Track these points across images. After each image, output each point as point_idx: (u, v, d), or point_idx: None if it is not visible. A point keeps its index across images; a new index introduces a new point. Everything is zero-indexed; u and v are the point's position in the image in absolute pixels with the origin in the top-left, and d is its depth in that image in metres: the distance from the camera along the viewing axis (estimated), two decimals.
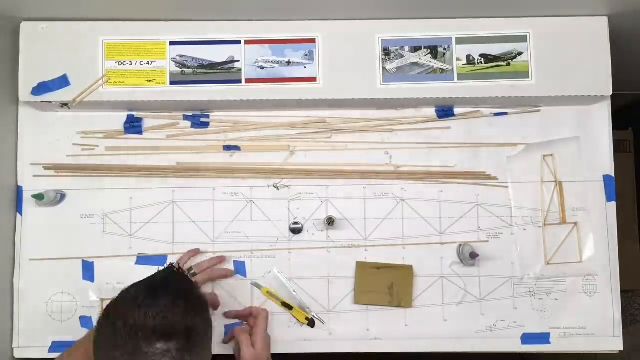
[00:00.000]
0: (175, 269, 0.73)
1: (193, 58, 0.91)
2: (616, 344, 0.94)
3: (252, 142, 0.97)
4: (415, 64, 0.91)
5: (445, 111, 0.96)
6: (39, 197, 0.90)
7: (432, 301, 0.95)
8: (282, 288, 0.94)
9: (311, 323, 0.93)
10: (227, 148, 0.96)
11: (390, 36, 0.91)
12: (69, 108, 0.93)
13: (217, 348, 0.92)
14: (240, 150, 0.96)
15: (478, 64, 0.91)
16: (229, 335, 0.91)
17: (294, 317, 0.93)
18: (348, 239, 0.95)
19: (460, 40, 0.91)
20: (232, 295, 0.94)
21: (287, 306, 0.93)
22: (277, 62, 0.91)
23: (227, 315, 0.92)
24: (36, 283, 0.94)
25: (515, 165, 0.96)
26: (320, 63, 0.91)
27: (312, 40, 0.91)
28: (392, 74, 0.91)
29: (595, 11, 0.90)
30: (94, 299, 0.94)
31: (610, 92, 0.91)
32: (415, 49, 0.91)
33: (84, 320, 0.94)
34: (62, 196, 0.94)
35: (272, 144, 0.97)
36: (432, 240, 0.95)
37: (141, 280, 0.69)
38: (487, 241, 0.95)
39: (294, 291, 0.94)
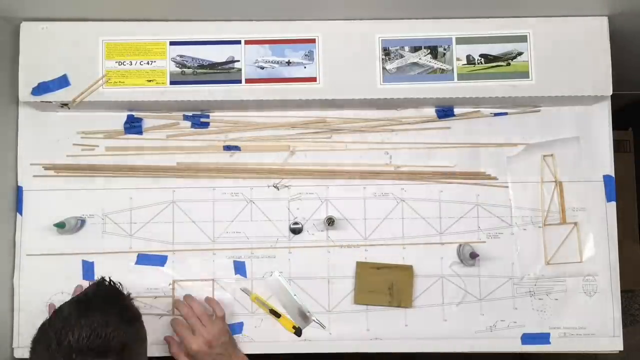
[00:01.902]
0: (107, 283, 0.74)
1: (193, 58, 0.91)
2: (616, 344, 0.94)
3: (252, 142, 0.97)
4: (415, 64, 0.91)
5: (445, 111, 0.96)
6: (60, 226, 0.90)
7: (432, 301, 0.95)
8: (283, 291, 0.94)
9: (298, 332, 0.93)
10: (227, 148, 0.96)
11: (390, 36, 0.91)
12: (69, 108, 0.93)
13: None
14: (240, 150, 0.96)
15: (478, 64, 0.91)
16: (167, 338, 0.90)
17: (282, 324, 0.93)
18: (348, 239, 0.95)
19: (460, 40, 0.91)
20: (234, 296, 0.94)
21: (275, 314, 0.93)
22: (277, 62, 0.91)
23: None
24: (36, 283, 0.94)
25: (515, 165, 0.96)
26: (320, 63, 0.91)
27: (312, 40, 0.91)
28: (392, 74, 0.91)
29: (595, 11, 0.90)
30: None
31: (610, 92, 0.91)
32: (415, 49, 0.91)
33: None
34: (82, 222, 0.94)
35: (272, 144, 0.97)
36: (432, 240, 0.95)
37: (72, 298, 0.70)
38: (485, 242, 0.95)
39: (295, 295, 0.94)
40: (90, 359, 0.62)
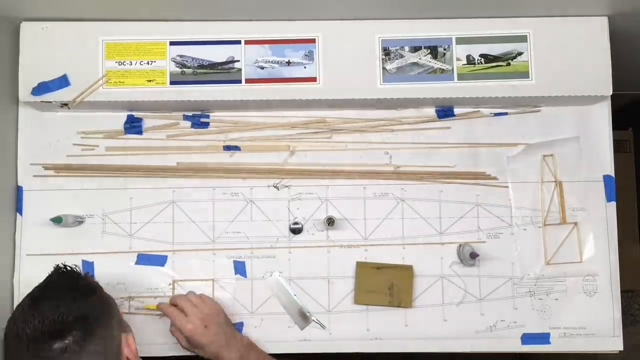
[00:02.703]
0: (61, 269, 0.74)
1: (193, 58, 0.91)
2: (616, 344, 0.94)
3: (252, 142, 0.97)
4: (415, 64, 0.91)
5: (445, 111, 0.96)
6: (57, 220, 0.91)
7: (432, 301, 0.95)
8: (283, 291, 0.94)
9: None
10: (227, 148, 0.96)
11: (390, 36, 0.91)
12: (69, 108, 0.93)
13: None
14: (240, 150, 0.96)
15: (478, 64, 0.91)
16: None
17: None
18: (348, 239, 0.95)
19: (460, 40, 0.91)
20: (234, 297, 0.94)
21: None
22: (277, 62, 0.91)
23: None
24: (36, 283, 0.93)
25: (515, 165, 0.96)
26: (320, 63, 0.91)
27: (312, 40, 0.91)
28: (392, 74, 0.91)
29: (595, 11, 0.90)
30: None
31: (610, 92, 0.91)
32: (415, 49, 0.91)
33: None
34: (81, 222, 0.95)
35: (272, 144, 0.97)
36: (432, 240, 0.95)
37: (29, 292, 0.71)
38: (485, 242, 0.95)
39: (295, 295, 0.94)
40: (51, 342, 0.63)
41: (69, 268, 0.74)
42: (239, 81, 0.91)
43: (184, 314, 0.86)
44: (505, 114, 0.97)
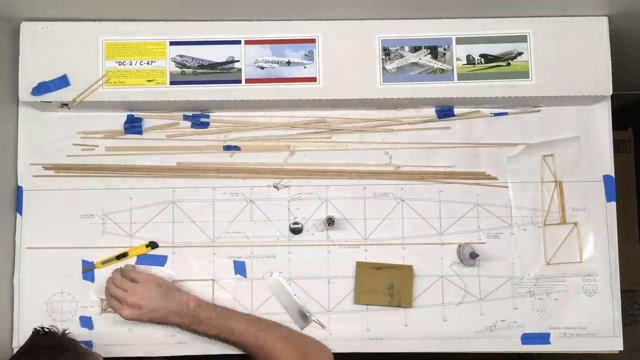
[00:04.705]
0: (40, 332, 0.80)
1: (193, 58, 0.91)
2: (616, 344, 0.94)
3: (252, 142, 0.97)
4: (415, 64, 0.91)
5: (445, 111, 0.96)
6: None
7: (432, 301, 0.95)
8: (283, 291, 0.94)
9: (153, 245, 0.94)
10: (227, 148, 0.96)
11: (390, 36, 0.91)
12: (69, 108, 0.93)
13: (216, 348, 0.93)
14: (240, 150, 0.96)
15: (478, 64, 0.91)
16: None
17: (134, 254, 0.94)
18: (348, 239, 0.95)
19: (460, 40, 0.91)
20: (234, 297, 0.94)
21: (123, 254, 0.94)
22: (277, 62, 0.91)
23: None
24: (36, 283, 0.94)
25: (515, 165, 0.96)
26: (320, 63, 0.91)
27: (312, 40, 0.91)
28: (392, 74, 0.91)
29: (595, 11, 0.90)
30: (94, 299, 0.94)
31: (610, 92, 0.91)
32: (415, 49, 0.91)
33: (84, 320, 0.94)
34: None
35: (272, 144, 0.97)
36: (432, 240, 0.95)
37: (12, 356, 0.78)
38: (485, 242, 0.95)
39: (295, 295, 0.94)
40: None
41: (46, 329, 0.79)
42: (239, 81, 0.91)
43: (118, 301, 0.88)
44: (505, 114, 0.97)
